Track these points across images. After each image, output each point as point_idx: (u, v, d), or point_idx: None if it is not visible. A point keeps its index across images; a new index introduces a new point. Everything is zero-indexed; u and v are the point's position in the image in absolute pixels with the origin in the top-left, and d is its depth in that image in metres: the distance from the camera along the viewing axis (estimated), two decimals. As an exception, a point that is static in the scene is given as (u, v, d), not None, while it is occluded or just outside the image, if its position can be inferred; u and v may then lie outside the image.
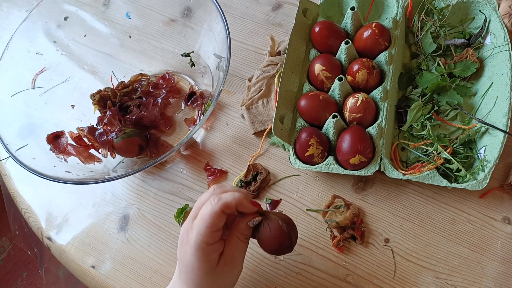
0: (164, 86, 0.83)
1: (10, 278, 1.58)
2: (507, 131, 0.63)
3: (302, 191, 0.71)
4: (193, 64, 0.83)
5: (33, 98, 0.78)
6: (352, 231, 0.66)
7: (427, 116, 0.70)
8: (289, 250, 0.56)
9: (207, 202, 0.53)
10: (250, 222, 0.55)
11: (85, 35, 0.85)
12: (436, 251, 0.64)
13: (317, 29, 0.75)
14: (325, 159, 0.68)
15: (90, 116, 0.81)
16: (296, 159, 0.69)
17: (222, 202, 0.52)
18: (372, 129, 0.67)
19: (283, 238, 0.54)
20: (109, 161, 0.76)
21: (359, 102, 0.67)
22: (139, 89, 0.83)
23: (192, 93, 0.82)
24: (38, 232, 0.78)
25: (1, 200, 0.94)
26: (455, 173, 0.65)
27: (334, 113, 0.68)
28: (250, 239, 0.57)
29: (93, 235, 0.74)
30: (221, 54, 0.73)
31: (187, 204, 0.73)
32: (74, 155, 0.74)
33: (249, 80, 0.82)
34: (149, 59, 0.87)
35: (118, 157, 0.77)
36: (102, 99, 0.81)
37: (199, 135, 0.80)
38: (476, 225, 0.65)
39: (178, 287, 0.57)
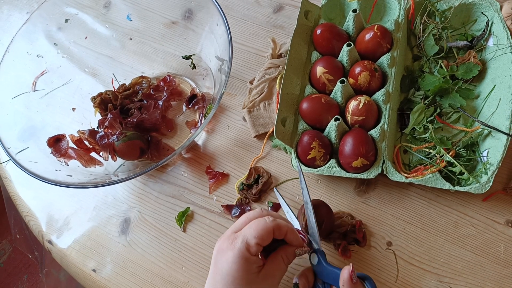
0: (165, 88, 0.82)
1: (11, 281, 1.58)
2: (510, 134, 0.62)
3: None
4: (194, 67, 0.83)
5: (34, 100, 0.77)
6: (354, 234, 0.65)
7: (430, 118, 0.70)
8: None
9: (261, 218, 0.56)
10: (297, 250, 0.58)
11: (85, 38, 0.85)
12: (439, 255, 0.64)
13: (318, 31, 0.75)
14: (327, 162, 0.67)
15: (91, 119, 0.81)
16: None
17: (276, 223, 0.55)
18: (374, 132, 0.67)
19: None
20: (110, 164, 0.76)
21: (361, 104, 0.67)
22: (140, 91, 0.83)
23: (193, 96, 0.82)
24: (39, 235, 0.78)
25: (2, 203, 0.94)
26: (458, 176, 0.65)
27: (336, 116, 0.67)
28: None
29: (94, 239, 0.74)
30: (222, 57, 0.73)
31: (189, 207, 0.73)
32: (75, 159, 0.73)
33: (251, 82, 0.81)
34: (150, 61, 0.87)
35: (119, 160, 0.77)
36: (103, 102, 0.80)
37: (200, 137, 0.79)
38: (479, 228, 0.65)
39: None
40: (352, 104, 0.68)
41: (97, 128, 0.79)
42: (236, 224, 0.58)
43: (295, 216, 0.64)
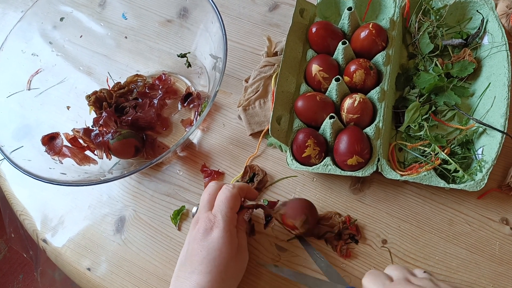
0: (160, 87, 0.82)
1: (6, 281, 1.58)
2: (505, 131, 0.63)
3: (300, 193, 0.71)
4: (189, 65, 0.83)
5: (29, 99, 0.77)
6: (347, 231, 0.66)
7: (425, 116, 0.70)
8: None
9: (222, 189, 0.61)
10: (245, 216, 0.65)
11: (80, 36, 0.85)
12: (433, 252, 0.64)
13: (314, 29, 0.74)
14: (322, 160, 0.67)
15: (85, 117, 0.81)
16: (293, 160, 0.69)
17: (237, 186, 0.62)
18: (369, 130, 0.67)
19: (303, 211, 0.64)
20: (105, 163, 0.76)
21: (356, 102, 0.67)
22: (135, 90, 0.83)
23: (188, 94, 0.81)
24: (34, 234, 0.77)
25: (-3, 202, 0.94)
26: (452, 174, 0.65)
27: (331, 114, 0.67)
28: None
29: (89, 237, 0.74)
30: (217, 55, 0.73)
31: (184, 206, 0.73)
32: (69, 157, 0.73)
33: (246, 81, 0.81)
34: (145, 60, 0.87)
35: (114, 159, 0.76)
36: (97, 100, 0.80)
37: (195, 136, 0.79)
38: (474, 226, 0.65)
39: (196, 278, 0.56)
40: (347, 102, 0.68)
41: (91, 126, 0.79)
42: (203, 204, 0.62)
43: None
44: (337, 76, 0.70)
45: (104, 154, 0.74)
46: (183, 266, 0.59)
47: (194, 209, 0.68)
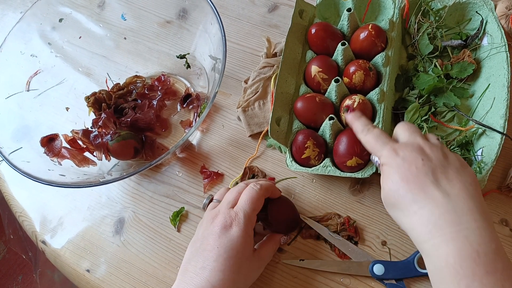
0: (159, 88, 0.82)
1: (5, 282, 1.57)
2: (505, 132, 0.62)
3: (299, 194, 0.71)
4: (188, 66, 0.83)
5: (28, 100, 0.77)
6: (346, 232, 0.66)
7: (424, 117, 0.70)
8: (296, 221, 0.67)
9: (249, 189, 0.60)
10: (282, 239, 0.65)
11: (80, 37, 0.85)
12: (433, 254, 0.64)
13: (313, 30, 0.74)
14: (321, 162, 0.67)
15: (84, 118, 0.80)
16: (293, 162, 0.68)
17: (264, 188, 0.61)
18: (369, 131, 0.67)
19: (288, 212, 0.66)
20: (104, 164, 0.76)
21: (355, 104, 0.67)
22: (134, 91, 0.82)
23: (187, 95, 0.81)
24: (33, 235, 0.77)
25: (-4, 203, 0.94)
26: (452, 175, 0.65)
27: (330, 115, 0.67)
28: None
29: (88, 239, 0.74)
30: (216, 56, 0.73)
31: (183, 207, 0.73)
32: (68, 158, 0.73)
33: (245, 82, 0.81)
34: (144, 61, 0.87)
35: (113, 160, 0.76)
36: (97, 102, 0.80)
37: (195, 137, 0.79)
38: (474, 227, 0.65)
39: (208, 274, 0.55)
40: (347, 103, 0.68)
41: (91, 127, 0.79)
42: (228, 200, 0.61)
43: None
44: (336, 77, 0.70)
45: (103, 155, 0.74)
46: (193, 260, 0.58)
47: (206, 200, 0.67)
